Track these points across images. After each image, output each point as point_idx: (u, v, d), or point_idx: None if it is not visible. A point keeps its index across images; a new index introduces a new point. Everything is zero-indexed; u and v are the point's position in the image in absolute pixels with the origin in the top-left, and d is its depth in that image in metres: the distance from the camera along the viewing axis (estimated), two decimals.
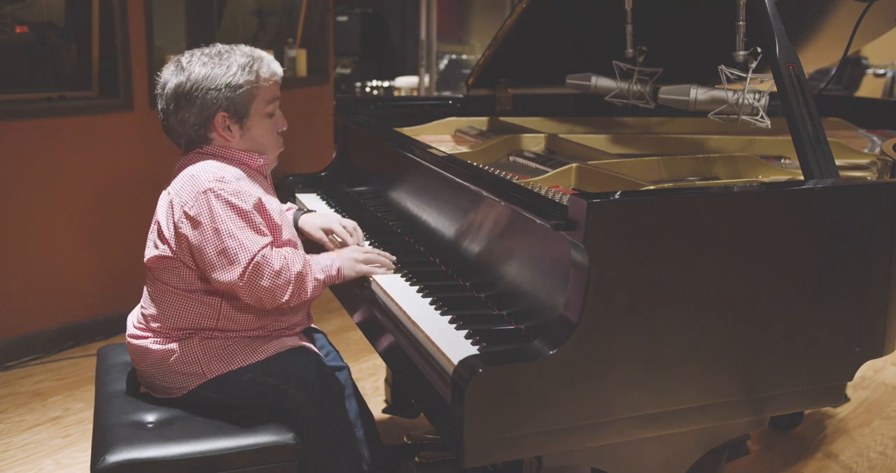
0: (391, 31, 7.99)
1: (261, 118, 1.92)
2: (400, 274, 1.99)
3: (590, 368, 1.49)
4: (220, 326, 1.91)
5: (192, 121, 1.88)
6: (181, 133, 1.91)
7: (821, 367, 1.72)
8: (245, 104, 1.88)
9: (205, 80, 1.84)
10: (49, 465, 2.70)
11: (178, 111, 1.87)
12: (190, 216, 1.80)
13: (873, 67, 6.75)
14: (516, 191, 1.72)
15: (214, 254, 1.80)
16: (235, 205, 1.81)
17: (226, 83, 1.84)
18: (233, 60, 1.87)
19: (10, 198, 3.36)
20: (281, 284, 1.83)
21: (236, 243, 1.79)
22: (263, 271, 1.80)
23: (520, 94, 2.98)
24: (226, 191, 1.81)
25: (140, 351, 1.94)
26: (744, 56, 2.04)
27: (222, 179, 1.83)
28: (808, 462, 2.78)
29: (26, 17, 3.51)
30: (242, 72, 1.86)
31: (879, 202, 1.71)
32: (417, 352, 1.66)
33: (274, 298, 1.84)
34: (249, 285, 1.80)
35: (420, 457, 2.34)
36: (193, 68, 1.85)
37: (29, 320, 3.49)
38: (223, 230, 1.79)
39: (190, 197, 1.81)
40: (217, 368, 1.90)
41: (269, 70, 1.91)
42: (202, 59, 1.87)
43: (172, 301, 1.90)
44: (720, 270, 1.57)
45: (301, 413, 1.92)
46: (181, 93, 1.85)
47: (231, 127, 1.90)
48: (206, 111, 1.86)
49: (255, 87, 1.88)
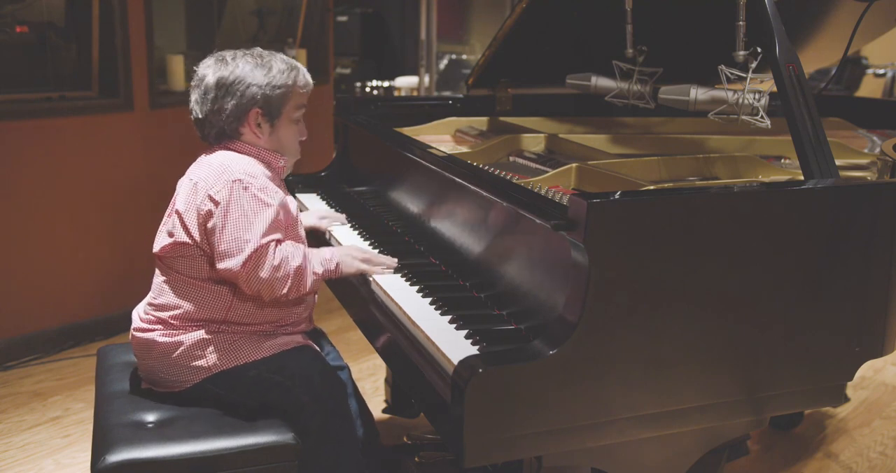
0: (391, 31, 7.99)
1: (289, 122, 2.01)
2: (400, 274, 1.99)
3: (590, 368, 1.49)
4: (230, 318, 1.93)
5: (228, 111, 1.94)
6: (214, 124, 1.96)
7: (821, 367, 1.72)
8: (279, 105, 1.97)
9: (248, 76, 1.93)
10: (49, 465, 2.70)
11: (216, 101, 1.94)
12: (214, 199, 1.86)
13: (873, 67, 6.75)
14: (516, 191, 1.72)
15: (226, 241, 1.85)
16: (261, 200, 1.87)
17: (267, 82, 1.94)
18: (274, 64, 1.96)
19: (10, 198, 3.37)
20: (280, 278, 1.87)
21: (248, 234, 1.84)
22: (263, 264, 1.85)
23: (520, 94, 2.98)
24: (254, 185, 1.88)
25: (146, 344, 1.95)
26: (744, 56, 2.04)
27: (252, 174, 1.90)
28: (808, 462, 2.78)
29: (26, 17, 3.51)
30: (282, 75, 1.96)
31: (879, 202, 1.71)
32: (417, 352, 1.66)
33: (272, 290, 1.88)
34: (248, 276, 1.85)
35: (420, 457, 2.34)
36: (238, 64, 1.94)
37: (29, 320, 3.50)
38: (240, 219, 1.85)
39: (218, 183, 1.87)
40: (222, 363, 1.91)
41: (304, 79, 2.02)
42: (246, 58, 1.96)
43: (185, 290, 1.93)
44: (720, 270, 1.57)
45: (303, 412, 1.93)
46: (223, 85, 1.93)
47: (262, 124, 1.97)
48: (244, 105, 1.94)
49: (290, 91, 1.98)
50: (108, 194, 3.67)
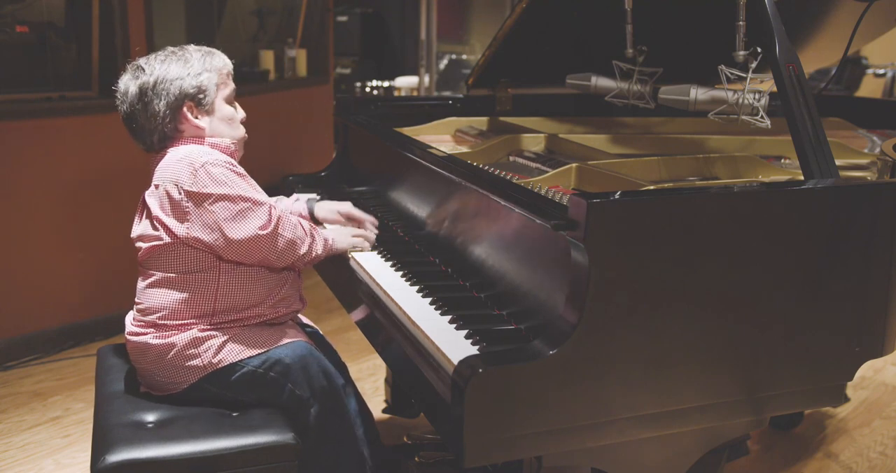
0: (391, 31, 7.99)
1: (223, 105, 2.03)
2: (400, 273, 1.99)
3: (590, 368, 1.49)
4: (218, 307, 1.93)
5: (161, 113, 1.95)
6: (152, 130, 1.98)
7: (821, 367, 1.72)
8: (206, 91, 1.99)
9: (167, 74, 1.95)
10: (49, 465, 2.70)
11: (147, 107, 1.96)
12: (193, 193, 1.86)
13: (873, 67, 6.75)
14: (516, 191, 1.72)
15: (233, 216, 1.87)
16: (235, 171, 1.92)
17: (186, 73, 1.96)
18: (188, 55, 1.99)
19: (10, 198, 3.36)
20: (300, 236, 1.98)
21: (251, 200, 1.89)
22: (285, 223, 1.94)
23: (520, 94, 2.98)
24: (220, 160, 1.91)
25: (140, 348, 1.95)
26: (744, 56, 2.04)
27: (212, 153, 1.94)
28: (808, 462, 2.78)
29: (26, 17, 3.51)
30: (200, 62, 1.99)
31: (879, 202, 1.71)
32: (417, 352, 1.66)
33: (294, 249, 1.96)
34: (273, 236, 1.91)
35: (420, 457, 2.34)
36: (154, 67, 1.96)
37: (29, 320, 3.49)
38: (234, 193, 1.88)
39: (187, 175, 1.87)
40: (217, 361, 1.91)
41: (221, 61, 2.04)
42: (159, 58, 1.98)
43: (169, 287, 1.93)
44: (720, 270, 1.57)
45: (301, 409, 1.93)
46: (146, 90, 1.95)
47: (198, 115, 1.99)
48: (173, 102, 1.95)
49: (213, 74, 2.00)
50: (107, 194, 3.67)
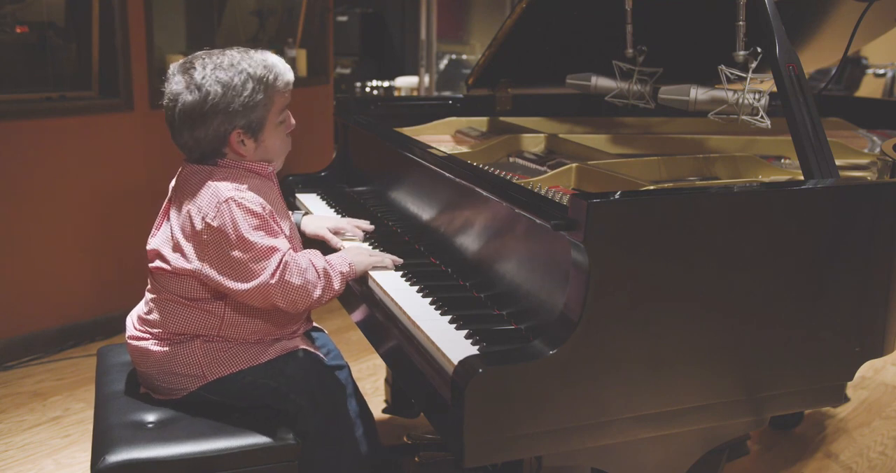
0: (391, 31, 7.99)
1: (273, 128, 1.91)
2: (400, 273, 1.99)
3: (590, 368, 1.49)
4: (223, 334, 1.91)
5: (208, 138, 1.84)
6: (194, 147, 1.87)
7: (821, 367, 1.72)
8: (260, 120, 1.86)
9: (221, 101, 1.80)
10: (49, 465, 2.70)
11: (194, 129, 1.84)
12: (213, 227, 1.78)
13: (873, 67, 6.75)
14: (516, 191, 1.72)
15: (244, 261, 1.78)
16: (258, 213, 1.81)
17: (242, 103, 1.82)
18: (247, 75, 1.82)
19: (10, 198, 3.36)
20: (311, 280, 1.84)
21: (265, 247, 1.79)
22: (293, 269, 1.81)
23: (520, 94, 2.98)
24: (246, 199, 1.80)
25: (140, 352, 1.94)
26: (744, 56, 2.04)
27: (241, 188, 1.83)
28: (808, 462, 2.78)
29: (26, 17, 3.51)
30: (258, 87, 1.83)
31: (879, 202, 1.71)
32: (417, 352, 1.66)
33: (308, 295, 1.84)
34: (282, 285, 1.80)
35: (420, 457, 2.34)
36: (209, 86, 1.80)
37: (29, 320, 3.49)
38: (249, 238, 1.78)
39: (211, 207, 1.79)
40: (217, 371, 1.90)
41: (283, 81, 1.88)
42: (216, 75, 1.81)
43: (175, 310, 1.90)
44: (720, 270, 1.57)
45: (301, 416, 1.92)
46: (197, 114, 1.82)
47: (246, 141, 1.87)
48: (223, 130, 1.84)
49: (270, 101, 1.86)
50: (108, 194, 3.67)
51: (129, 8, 3.60)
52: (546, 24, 2.70)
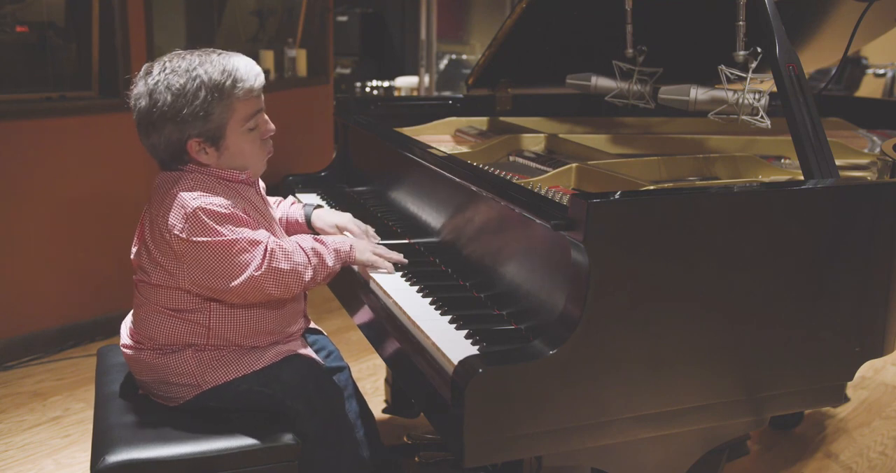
0: (391, 31, 8.00)
1: (240, 135, 1.81)
2: (400, 273, 1.99)
3: (590, 368, 1.49)
4: (212, 343, 1.88)
5: (161, 147, 1.78)
6: (154, 154, 1.83)
7: (821, 367, 1.72)
8: (219, 128, 1.77)
9: (171, 110, 1.72)
10: (49, 465, 2.70)
11: (149, 136, 1.78)
12: (182, 239, 1.73)
13: (873, 67, 6.75)
14: (516, 191, 1.72)
15: (227, 260, 1.75)
16: (225, 215, 1.75)
17: (192, 113, 1.72)
18: (200, 82, 1.72)
19: (9, 198, 3.36)
20: (301, 262, 1.82)
21: (245, 243, 1.75)
22: (279, 255, 1.78)
23: (520, 94, 2.98)
24: (213, 203, 1.74)
25: (135, 361, 1.92)
26: (744, 56, 2.04)
27: (205, 195, 1.77)
28: (808, 462, 2.78)
29: (26, 17, 3.51)
30: (213, 96, 1.73)
31: (879, 202, 1.71)
32: (417, 352, 1.66)
33: (299, 278, 1.81)
34: (271, 273, 1.77)
35: (420, 457, 2.34)
36: (160, 95, 1.72)
37: (29, 320, 3.49)
38: (227, 239, 1.74)
39: (179, 219, 1.74)
40: (212, 379, 1.87)
41: (245, 87, 1.76)
42: (168, 81, 1.72)
43: (162, 321, 1.86)
44: (720, 270, 1.57)
45: (299, 419, 1.91)
46: (147, 122, 1.76)
47: (207, 150, 1.79)
48: (175, 138, 1.76)
49: (228, 109, 1.76)
50: (108, 194, 3.67)
51: (129, 8, 3.60)
52: (546, 24, 2.70)
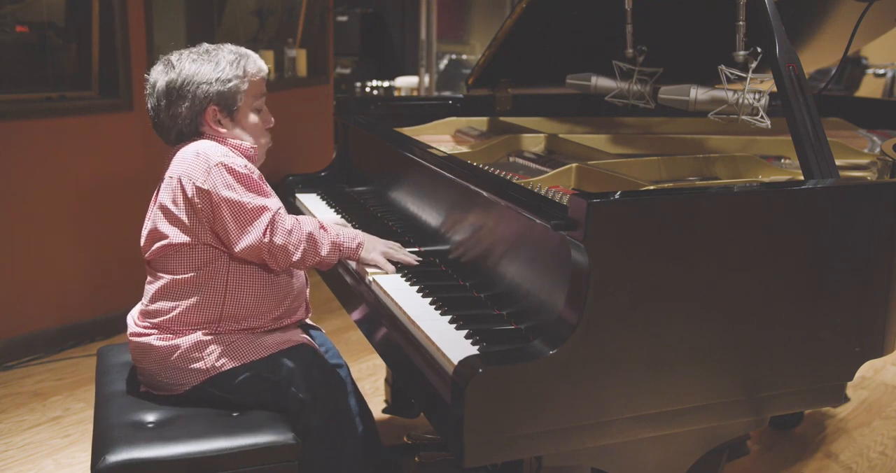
0: (391, 31, 8.00)
1: (249, 112, 2.00)
2: (400, 273, 1.99)
3: (590, 368, 1.49)
4: (225, 314, 1.93)
5: (183, 114, 1.95)
6: (171, 127, 1.98)
7: (821, 367, 1.72)
8: (234, 98, 1.96)
9: (195, 76, 1.92)
10: (49, 465, 2.70)
11: (170, 106, 1.95)
12: (204, 190, 1.85)
13: (873, 67, 6.75)
14: (516, 191, 1.72)
15: (238, 220, 1.86)
16: (246, 175, 1.89)
17: (216, 78, 1.93)
18: (221, 57, 1.95)
19: (9, 198, 3.36)
20: (294, 242, 1.91)
21: (256, 206, 1.87)
22: (277, 229, 1.89)
23: (520, 94, 2.98)
24: (236, 163, 1.88)
25: (142, 349, 1.95)
26: (744, 56, 2.04)
27: (228, 154, 1.91)
28: (808, 462, 2.78)
29: (26, 17, 3.51)
30: (231, 67, 1.95)
31: (879, 202, 1.71)
32: (417, 352, 1.66)
33: (287, 255, 1.91)
34: (270, 245, 1.88)
35: (420, 457, 2.34)
36: (184, 65, 1.93)
37: (29, 320, 3.49)
38: (241, 198, 1.86)
39: (201, 172, 1.86)
40: (220, 365, 1.91)
41: (255, 66, 2.00)
42: (191, 57, 1.95)
43: (178, 291, 1.92)
44: (720, 270, 1.57)
45: (303, 411, 1.93)
46: (172, 89, 1.93)
47: (222, 120, 1.97)
48: (198, 105, 1.94)
49: (243, 82, 1.96)
50: (108, 194, 3.67)
51: (129, 8, 3.60)
52: (546, 24, 2.70)
